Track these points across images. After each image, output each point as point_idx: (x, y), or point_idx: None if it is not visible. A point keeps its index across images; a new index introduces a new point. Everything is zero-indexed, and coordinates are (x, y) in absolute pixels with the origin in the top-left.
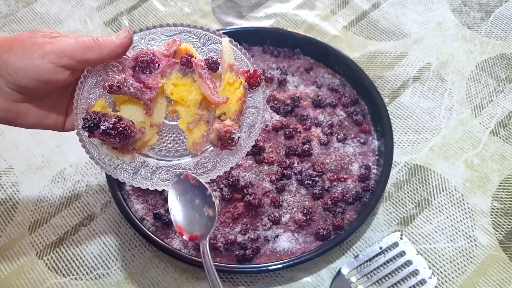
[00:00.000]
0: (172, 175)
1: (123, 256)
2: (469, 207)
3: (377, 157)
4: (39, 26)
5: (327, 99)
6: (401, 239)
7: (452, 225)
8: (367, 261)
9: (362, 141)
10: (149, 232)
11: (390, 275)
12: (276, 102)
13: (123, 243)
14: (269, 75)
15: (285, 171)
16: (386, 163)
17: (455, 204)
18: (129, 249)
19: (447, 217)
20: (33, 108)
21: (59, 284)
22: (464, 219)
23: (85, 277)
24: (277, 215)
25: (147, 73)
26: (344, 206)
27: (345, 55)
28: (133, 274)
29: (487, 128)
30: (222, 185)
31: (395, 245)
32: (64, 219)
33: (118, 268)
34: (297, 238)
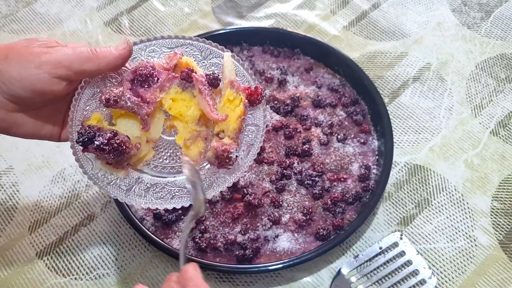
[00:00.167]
0: (166, 193)
1: (123, 256)
2: (469, 207)
3: (377, 157)
4: (39, 26)
5: (327, 99)
6: (401, 239)
7: (452, 225)
8: (367, 261)
9: (362, 141)
10: (149, 232)
11: (390, 275)
12: (276, 102)
13: (123, 243)
14: (269, 75)
15: (285, 171)
16: (386, 163)
17: (455, 204)
18: (129, 249)
19: (447, 217)
20: (29, 118)
21: (59, 284)
22: (464, 219)
23: (85, 277)
24: (277, 215)
25: (146, 86)
26: (344, 206)
27: (345, 55)
28: (133, 274)
29: (487, 128)
30: None
31: (395, 245)
32: (64, 219)
33: (118, 268)
34: (297, 238)
